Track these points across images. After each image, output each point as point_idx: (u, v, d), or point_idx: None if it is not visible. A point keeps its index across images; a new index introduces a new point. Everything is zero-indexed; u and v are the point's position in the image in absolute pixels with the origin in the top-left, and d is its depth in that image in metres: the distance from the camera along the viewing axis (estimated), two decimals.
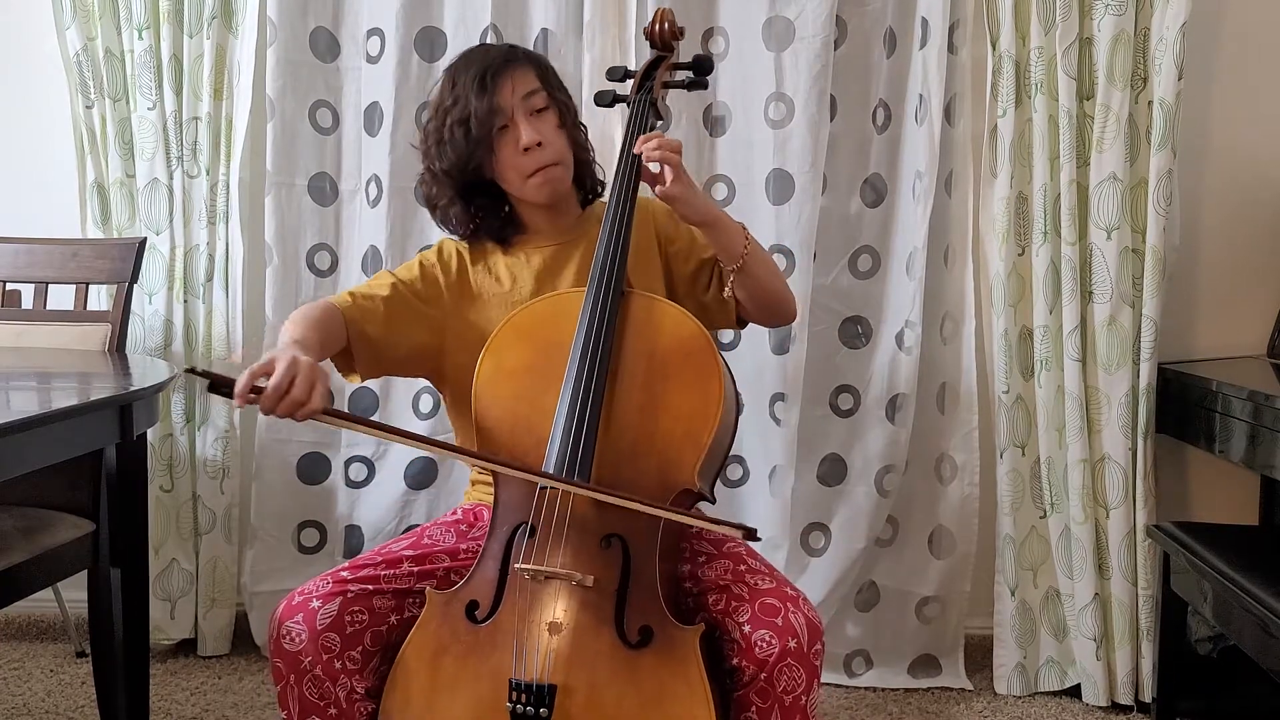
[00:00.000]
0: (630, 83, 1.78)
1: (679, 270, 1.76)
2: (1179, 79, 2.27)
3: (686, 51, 1.87)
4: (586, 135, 1.79)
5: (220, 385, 1.30)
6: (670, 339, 1.53)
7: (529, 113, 1.66)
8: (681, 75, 1.80)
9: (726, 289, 1.66)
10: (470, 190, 1.72)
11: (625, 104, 1.76)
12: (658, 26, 1.78)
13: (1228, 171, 2.48)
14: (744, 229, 1.64)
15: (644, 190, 1.63)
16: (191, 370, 1.34)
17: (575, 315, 1.53)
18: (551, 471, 1.45)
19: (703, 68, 1.80)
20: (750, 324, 1.80)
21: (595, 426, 1.46)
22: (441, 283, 1.74)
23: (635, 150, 1.58)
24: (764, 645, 1.41)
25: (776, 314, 1.76)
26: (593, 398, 1.47)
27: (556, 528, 1.44)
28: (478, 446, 1.55)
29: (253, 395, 1.30)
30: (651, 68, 1.77)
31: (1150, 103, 2.31)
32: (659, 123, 1.75)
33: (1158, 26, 2.28)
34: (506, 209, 1.76)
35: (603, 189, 1.82)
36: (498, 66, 1.66)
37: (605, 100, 1.81)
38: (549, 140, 1.67)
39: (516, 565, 1.44)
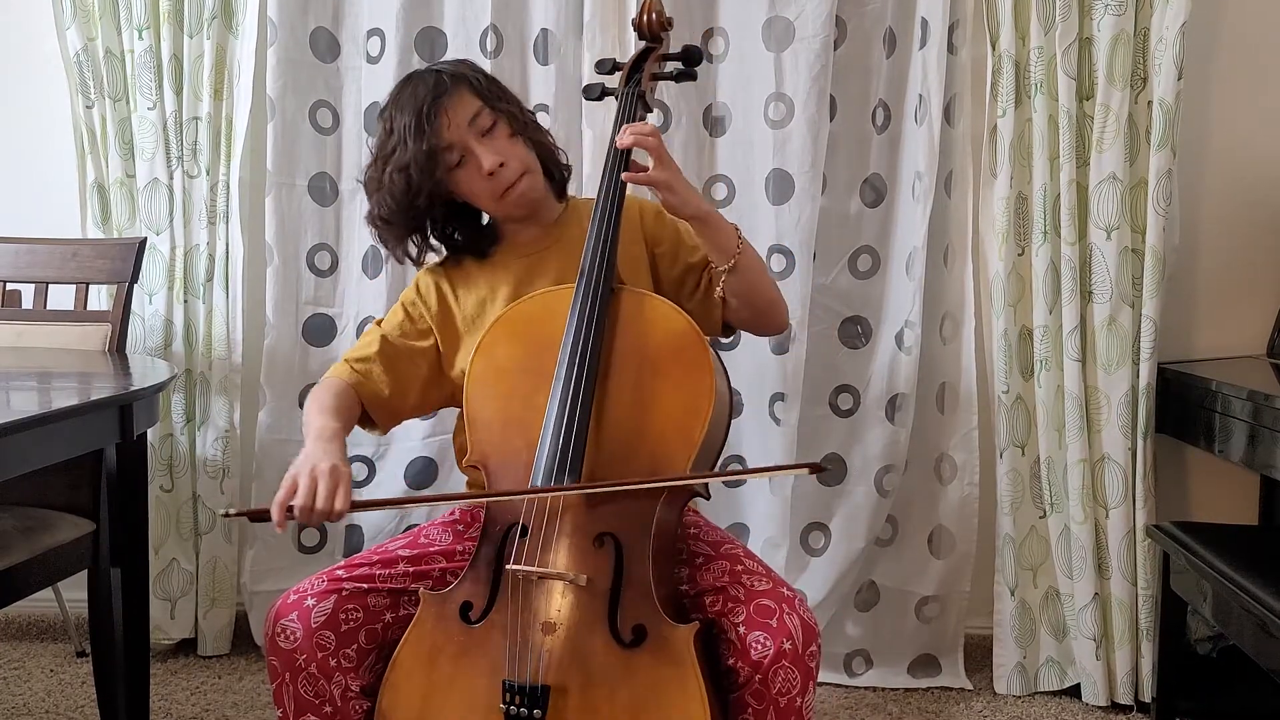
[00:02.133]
0: (619, 75, 1.75)
1: (665, 273, 1.73)
2: (1179, 79, 2.27)
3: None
4: (541, 127, 1.76)
5: (258, 518, 1.42)
6: (661, 334, 1.52)
7: (479, 136, 1.63)
8: (670, 66, 1.77)
9: (718, 289, 1.63)
10: (429, 219, 1.70)
11: (614, 97, 1.73)
12: (645, 17, 1.75)
13: (1228, 171, 2.48)
14: (737, 230, 1.61)
15: (635, 189, 1.61)
16: (226, 514, 1.48)
17: (565, 313, 1.52)
18: (543, 472, 1.44)
19: (691, 58, 1.77)
20: (737, 332, 1.77)
21: (585, 426, 1.45)
22: (427, 316, 1.73)
23: (616, 145, 1.58)
24: (759, 647, 1.41)
25: (767, 320, 1.72)
26: (583, 397, 1.46)
27: (548, 528, 1.44)
28: (470, 447, 1.54)
29: (290, 516, 1.40)
30: (640, 59, 1.74)
31: (1150, 103, 2.31)
32: (647, 115, 1.72)
33: (1158, 26, 2.28)
34: (485, 221, 1.75)
35: (570, 173, 1.80)
36: (430, 104, 1.61)
37: (594, 94, 1.78)
38: (508, 155, 1.64)
39: (510, 566, 1.43)
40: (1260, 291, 2.48)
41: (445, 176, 1.64)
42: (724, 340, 1.77)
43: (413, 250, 1.73)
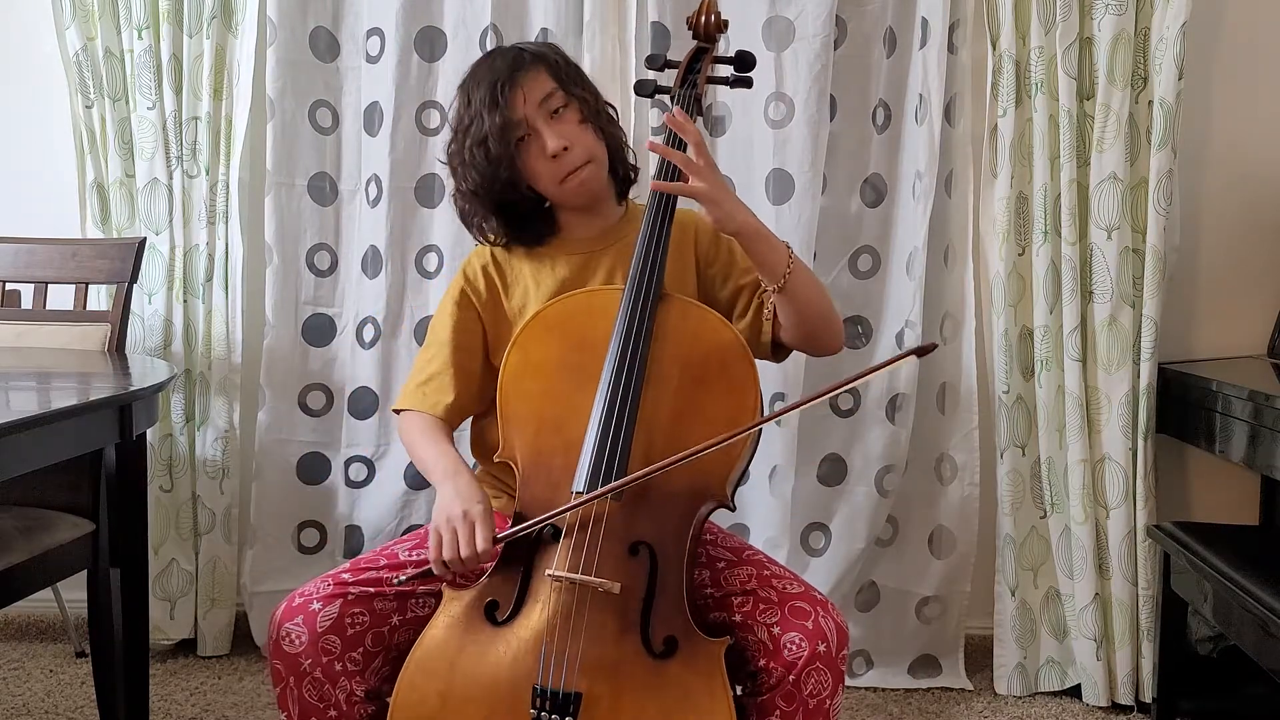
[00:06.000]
0: (671, 73, 1.72)
1: (716, 294, 1.71)
2: (1179, 79, 2.27)
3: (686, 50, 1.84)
4: (614, 120, 1.74)
5: (425, 579, 1.49)
6: (707, 345, 1.50)
7: (548, 116, 1.62)
8: (724, 71, 1.74)
9: (766, 309, 1.61)
10: (506, 200, 1.68)
11: (670, 97, 1.70)
12: (702, 18, 1.72)
13: (1228, 171, 2.48)
14: (788, 248, 1.57)
15: (691, 204, 1.57)
16: (399, 582, 1.50)
17: (608, 313, 1.51)
18: (586, 477, 1.43)
19: (746, 63, 1.72)
20: (791, 352, 1.73)
21: (631, 433, 1.44)
22: (476, 304, 1.72)
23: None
24: (794, 648, 1.41)
25: (821, 341, 1.67)
26: (630, 403, 1.44)
27: (580, 533, 1.43)
28: (501, 443, 1.53)
29: (448, 569, 1.46)
30: (695, 60, 1.71)
31: (1150, 103, 2.31)
32: (699, 118, 1.70)
33: (1158, 26, 2.28)
34: (546, 206, 1.73)
35: (637, 174, 1.78)
36: (506, 77, 1.60)
37: (646, 90, 1.75)
38: (574, 140, 1.63)
39: (548, 572, 1.42)
40: (1260, 291, 2.48)
41: (515, 150, 1.63)
42: (775, 362, 1.75)
43: (490, 234, 1.72)
